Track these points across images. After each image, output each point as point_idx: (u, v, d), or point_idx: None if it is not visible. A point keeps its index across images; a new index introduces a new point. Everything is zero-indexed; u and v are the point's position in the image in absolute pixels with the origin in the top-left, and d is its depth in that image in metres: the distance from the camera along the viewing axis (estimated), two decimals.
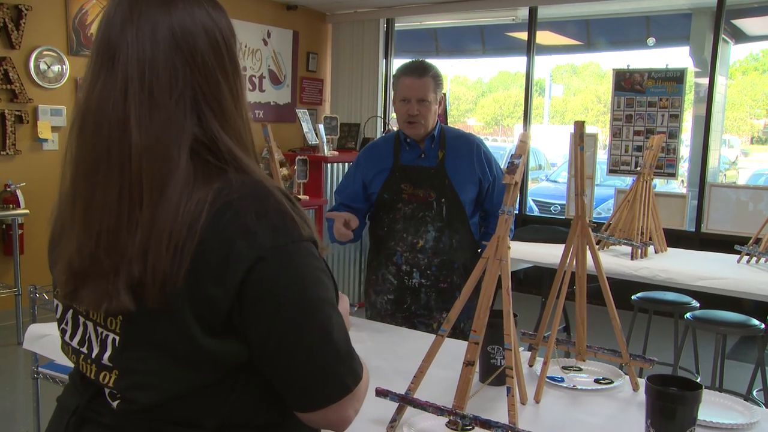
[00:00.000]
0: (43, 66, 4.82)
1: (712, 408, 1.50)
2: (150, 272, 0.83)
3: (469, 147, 2.39)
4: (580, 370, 1.75)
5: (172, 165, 0.85)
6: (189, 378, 0.87)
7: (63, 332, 0.99)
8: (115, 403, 0.91)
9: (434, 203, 2.33)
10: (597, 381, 1.68)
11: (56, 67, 4.90)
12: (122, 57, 0.87)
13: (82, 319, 0.94)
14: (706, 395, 1.51)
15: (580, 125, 1.61)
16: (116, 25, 0.89)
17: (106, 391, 0.92)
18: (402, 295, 2.38)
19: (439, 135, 2.38)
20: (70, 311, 0.97)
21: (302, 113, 5.92)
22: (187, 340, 0.85)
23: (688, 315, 3.28)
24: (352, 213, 2.35)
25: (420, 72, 2.30)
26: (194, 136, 0.88)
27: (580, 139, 1.61)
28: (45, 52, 4.83)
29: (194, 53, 0.89)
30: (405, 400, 1.37)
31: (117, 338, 0.89)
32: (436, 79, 2.32)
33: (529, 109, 6.06)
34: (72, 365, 1.00)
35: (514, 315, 1.48)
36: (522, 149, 1.36)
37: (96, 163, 0.86)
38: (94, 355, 0.92)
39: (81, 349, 0.94)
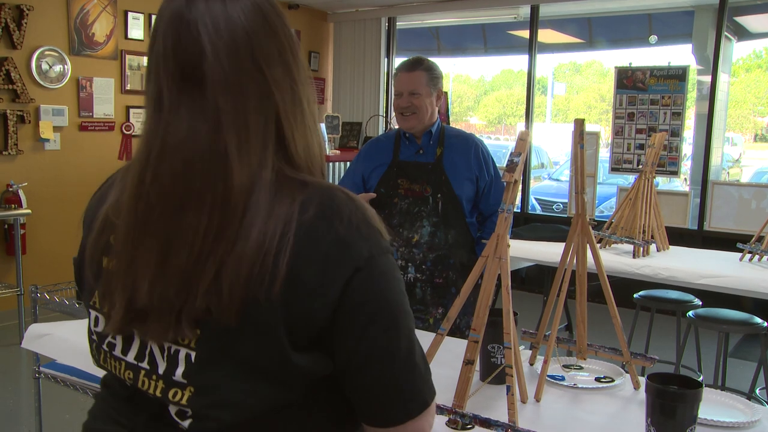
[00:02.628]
0: (44, 66, 4.82)
1: (713, 406, 1.50)
2: (226, 298, 0.79)
3: (468, 145, 2.41)
4: (581, 368, 1.75)
5: (259, 191, 0.82)
6: (276, 395, 0.84)
7: (111, 346, 0.90)
8: (186, 423, 0.85)
9: (430, 198, 2.35)
10: (598, 379, 1.68)
11: (58, 67, 4.90)
12: (209, 80, 0.81)
13: (138, 336, 0.88)
14: (708, 393, 1.51)
15: (579, 123, 1.60)
16: (184, 39, 0.81)
17: (173, 409, 0.86)
18: None
19: (439, 132, 2.40)
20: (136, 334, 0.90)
21: None
22: (276, 356, 0.81)
23: (690, 313, 3.27)
24: None
25: (411, 66, 2.36)
26: (277, 154, 0.85)
27: (580, 137, 1.60)
28: (47, 52, 4.83)
29: (270, 63, 0.84)
30: None
31: (193, 354, 0.83)
32: (430, 72, 2.35)
33: (530, 107, 6.05)
34: (102, 374, 0.95)
35: (514, 313, 1.48)
36: (521, 147, 1.35)
37: (184, 201, 0.81)
38: (161, 371, 0.85)
39: (140, 364, 0.87)
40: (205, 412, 0.84)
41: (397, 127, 2.52)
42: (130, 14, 5.31)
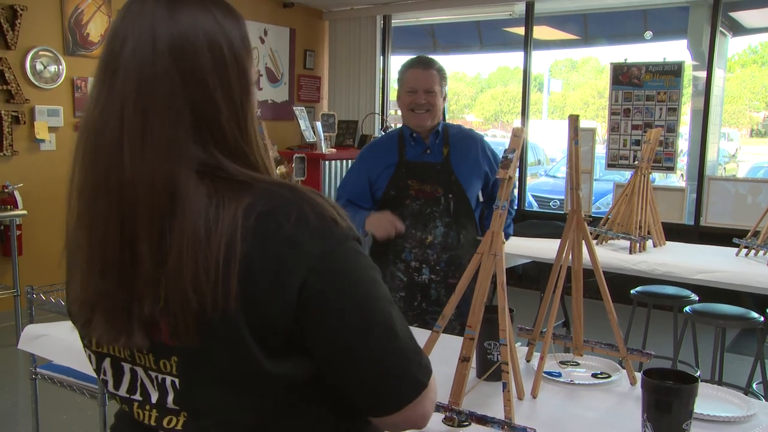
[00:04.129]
0: (39, 66, 4.81)
1: (709, 401, 1.50)
2: (176, 309, 0.78)
3: (473, 143, 2.42)
4: (578, 364, 1.75)
5: (176, 193, 0.79)
6: (266, 406, 0.83)
7: (104, 383, 0.92)
8: None
9: (441, 199, 2.34)
10: (594, 375, 1.68)
11: (52, 68, 4.89)
12: (122, 73, 0.81)
13: (127, 366, 0.88)
14: (704, 388, 1.51)
15: (574, 119, 1.60)
16: (119, 37, 0.83)
17: None
18: (412, 292, 2.37)
19: (443, 131, 2.40)
20: (107, 360, 0.90)
21: (300, 111, 5.91)
22: (251, 368, 0.80)
23: (687, 308, 3.28)
24: (350, 205, 2.39)
25: (426, 64, 2.36)
26: (200, 160, 0.81)
27: (575, 133, 1.60)
28: (41, 53, 4.82)
29: (194, 69, 0.82)
30: None
31: (176, 380, 0.83)
32: (441, 72, 2.37)
33: (527, 104, 6.05)
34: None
35: (510, 310, 1.48)
36: (516, 144, 1.35)
37: (95, 193, 0.81)
38: (154, 401, 0.86)
39: (133, 397, 0.88)
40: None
41: (394, 126, 2.52)
42: None
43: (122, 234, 0.79)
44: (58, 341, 2.03)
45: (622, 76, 5.48)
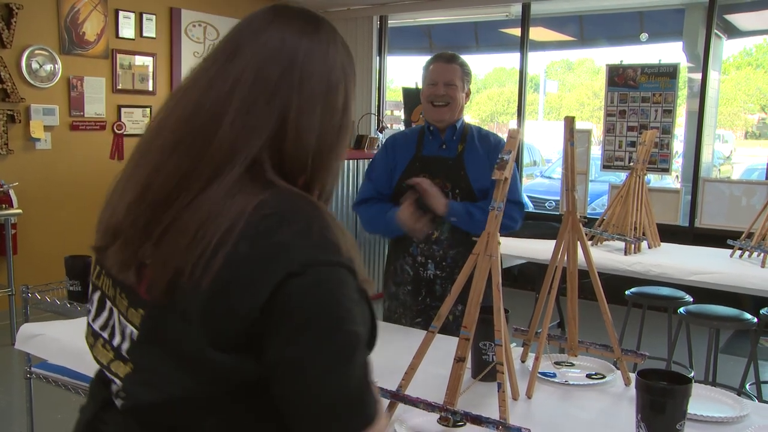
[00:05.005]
0: (35, 65, 4.80)
1: (703, 402, 1.51)
2: (159, 264, 0.83)
3: (490, 143, 2.42)
4: (572, 365, 1.76)
5: (230, 168, 0.86)
6: (188, 385, 0.85)
7: (88, 312, 0.99)
8: (118, 402, 0.91)
9: (449, 194, 2.33)
10: (589, 376, 1.69)
11: (48, 66, 4.88)
12: (242, 59, 0.91)
13: (108, 304, 0.94)
14: (698, 389, 1.52)
15: (570, 121, 1.61)
16: (250, 31, 0.94)
17: (114, 388, 0.92)
18: (418, 287, 2.38)
19: (462, 129, 2.40)
20: (98, 293, 0.97)
21: None
22: (194, 347, 0.83)
23: (681, 310, 3.29)
24: (381, 201, 2.37)
25: (449, 59, 2.38)
26: (266, 148, 0.89)
27: (570, 134, 1.61)
28: (37, 51, 4.81)
29: (303, 80, 0.91)
30: (396, 397, 1.37)
31: (135, 332, 0.88)
32: (464, 68, 2.38)
33: (522, 105, 6.06)
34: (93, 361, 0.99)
35: (505, 311, 1.49)
36: (511, 145, 1.36)
37: (178, 141, 0.88)
38: (114, 344, 0.92)
39: (102, 333, 0.94)
40: (132, 389, 0.89)
41: (390, 126, 2.52)
42: (120, 13, 5.29)
43: (171, 189, 0.86)
44: (53, 341, 2.03)
45: (618, 77, 5.50)
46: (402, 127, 6.03)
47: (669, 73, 5.32)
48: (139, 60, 5.46)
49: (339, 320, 0.83)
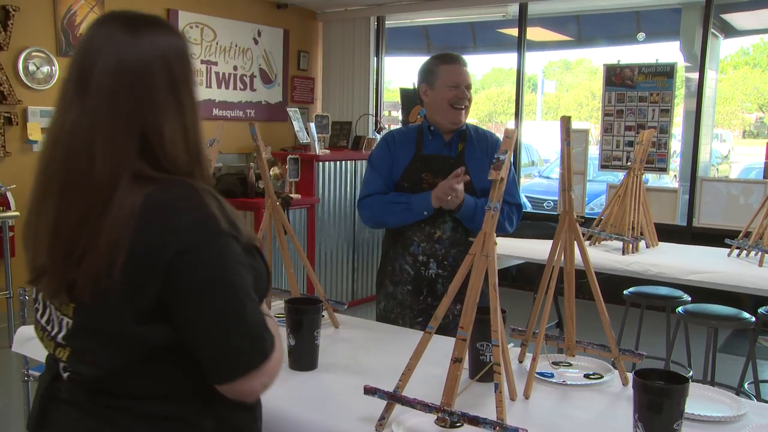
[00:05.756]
0: (32, 67, 4.80)
1: (700, 401, 1.50)
2: (83, 279, 1.00)
3: (487, 142, 2.42)
4: (570, 365, 1.75)
5: (118, 189, 1.01)
6: (122, 357, 1.05)
7: (36, 311, 1.16)
8: (65, 375, 1.11)
9: None
10: (587, 376, 1.69)
11: (45, 68, 4.87)
12: (92, 88, 1.02)
13: (48, 303, 1.12)
14: (695, 388, 1.52)
15: (566, 120, 1.61)
16: (89, 53, 1.04)
17: (61, 366, 1.11)
18: (419, 286, 2.37)
19: (461, 128, 2.41)
20: (41, 295, 1.14)
21: (293, 112, 5.90)
22: (120, 326, 1.02)
23: (679, 309, 3.29)
24: (385, 192, 2.37)
25: (463, 61, 2.42)
26: (138, 164, 1.03)
27: (567, 134, 1.61)
28: (34, 53, 4.80)
29: (150, 87, 1.04)
30: (393, 398, 1.37)
31: (70, 322, 1.07)
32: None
33: (520, 105, 6.06)
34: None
35: (503, 311, 1.48)
36: (508, 145, 1.36)
37: (64, 185, 1.02)
38: (53, 334, 1.11)
39: (47, 327, 1.13)
40: (75, 368, 1.09)
41: (388, 126, 2.51)
42: None
43: (76, 226, 1.01)
44: None
45: (615, 77, 5.50)
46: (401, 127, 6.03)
47: (666, 72, 5.33)
48: None
49: (226, 281, 1.02)
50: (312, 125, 5.68)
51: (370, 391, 1.39)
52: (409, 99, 5.84)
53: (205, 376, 1.06)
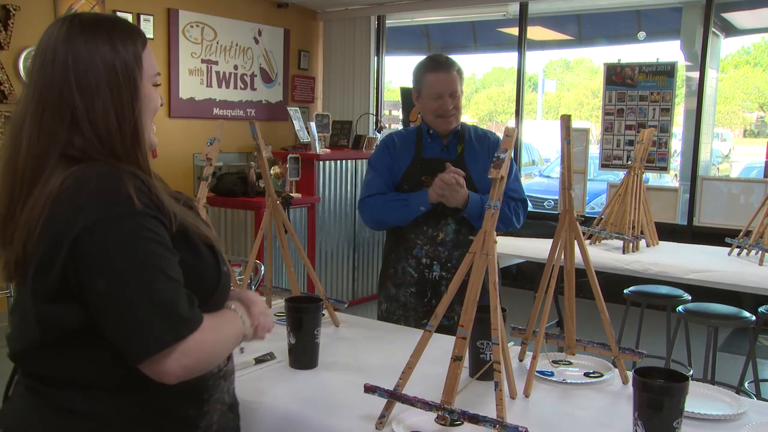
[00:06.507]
0: None
1: (700, 399, 1.51)
2: (8, 257, 1.08)
3: (487, 142, 2.41)
4: (570, 364, 1.75)
5: (45, 168, 1.07)
6: (32, 335, 1.09)
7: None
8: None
9: None
10: (587, 375, 1.69)
11: None
12: (30, 82, 1.12)
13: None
14: (695, 387, 1.52)
15: (566, 119, 1.61)
16: (37, 54, 1.13)
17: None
18: (423, 288, 2.36)
19: (459, 130, 2.40)
20: None
21: (294, 111, 5.90)
22: (30, 304, 1.06)
23: (680, 308, 3.29)
24: (386, 193, 2.36)
25: (448, 67, 2.34)
26: (70, 143, 1.09)
27: (567, 133, 1.61)
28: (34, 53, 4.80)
29: (79, 79, 1.09)
30: (393, 396, 1.37)
31: (11, 299, 1.18)
32: (460, 73, 2.37)
33: (521, 104, 6.06)
34: None
35: (503, 310, 1.49)
36: (508, 144, 1.36)
37: (4, 168, 1.11)
38: (9, 310, 1.18)
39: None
40: (9, 343, 1.15)
41: (388, 126, 2.50)
42: (118, 14, 5.29)
43: (11, 198, 1.09)
44: None
45: (616, 76, 5.50)
46: (400, 127, 6.03)
47: (667, 71, 5.32)
48: None
49: (133, 257, 1.03)
50: (312, 124, 5.67)
51: (370, 389, 1.39)
52: (409, 98, 5.83)
53: (125, 360, 1.06)
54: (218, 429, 1.22)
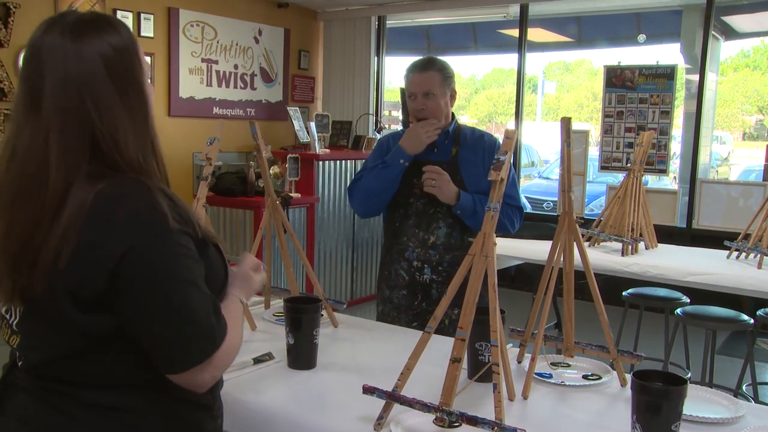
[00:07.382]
0: None
1: (698, 403, 1.51)
2: (36, 274, 1.05)
3: (484, 144, 2.37)
4: (569, 366, 1.75)
5: (72, 189, 1.06)
6: (64, 344, 1.09)
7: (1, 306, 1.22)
8: (20, 363, 1.16)
9: None
10: (585, 377, 1.69)
11: None
12: (44, 108, 1.07)
13: None
14: (693, 390, 1.52)
15: (566, 122, 1.61)
16: (36, 69, 1.08)
17: (17, 354, 1.17)
18: (414, 291, 2.36)
19: (455, 131, 2.37)
20: None
21: (294, 111, 5.90)
22: (62, 315, 1.06)
23: (678, 311, 3.29)
24: None
25: (423, 66, 2.31)
26: (92, 168, 1.08)
27: (567, 135, 1.61)
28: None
29: (97, 96, 1.08)
30: (392, 397, 1.37)
31: (20, 311, 1.13)
32: (443, 72, 2.31)
33: (520, 106, 6.06)
34: None
35: (501, 311, 1.49)
36: (508, 146, 1.36)
37: (18, 196, 1.07)
38: (10, 321, 1.16)
39: (6, 315, 1.17)
40: (24, 353, 1.15)
41: (388, 127, 2.50)
42: (118, 13, 5.28)
43: (36, 229, 1.05)
44: None
45: (616, 78, 5.50)
46: (400, 128, 6.03)
47: (666, 74, 5.33)
48: None
49: (174, 276, 1.07)
50: (312, 124, 5.67)
51: (368, 390, 1.39)
52: None
53: (157, 367, 1.10)
54: (222, 413, 1.29)
